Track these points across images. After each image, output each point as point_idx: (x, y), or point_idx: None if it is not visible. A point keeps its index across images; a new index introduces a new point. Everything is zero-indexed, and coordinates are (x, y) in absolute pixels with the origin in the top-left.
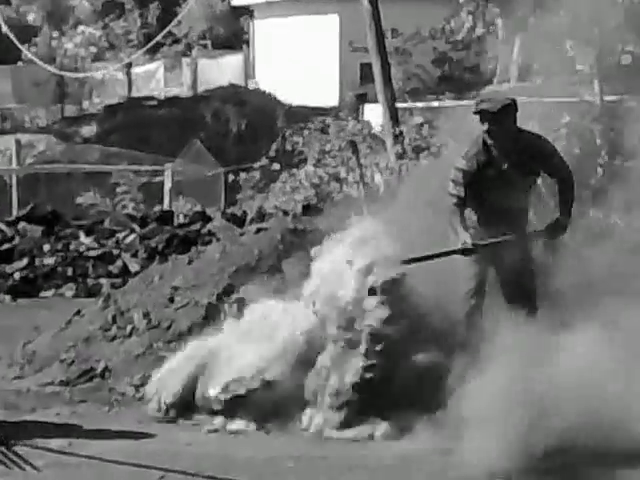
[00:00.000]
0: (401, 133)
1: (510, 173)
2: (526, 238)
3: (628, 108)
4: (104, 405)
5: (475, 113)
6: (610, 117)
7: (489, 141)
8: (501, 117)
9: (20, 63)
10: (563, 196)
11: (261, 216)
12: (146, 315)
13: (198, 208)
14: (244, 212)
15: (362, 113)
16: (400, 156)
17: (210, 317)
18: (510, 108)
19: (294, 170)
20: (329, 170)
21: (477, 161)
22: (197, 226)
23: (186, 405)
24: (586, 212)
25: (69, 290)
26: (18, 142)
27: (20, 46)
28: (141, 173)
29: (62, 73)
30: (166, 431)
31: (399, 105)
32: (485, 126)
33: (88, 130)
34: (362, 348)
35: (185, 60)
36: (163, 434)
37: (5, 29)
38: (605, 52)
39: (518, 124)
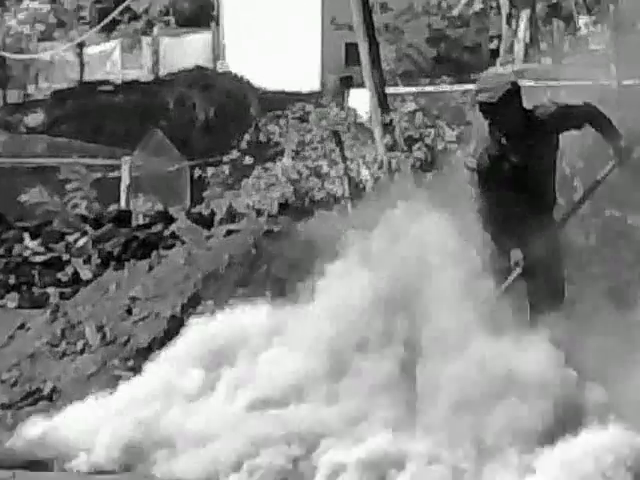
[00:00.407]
0: (391, 122)
1: (528, 160)
2: (554, 224)
3: None
4: None
5: (473, 105)
6: (629, 103)
7: (497, 133)
8: (503, 106)
9: None
10: (605, 127)
11: (231, 216)
12: (100, 329)
13: (160, 207)
14: (212, 212)
15: (347, 99)
16: (390, 148)
17: (173, 331)
18: (511, 94)
19: (269, 164)
20: (309, 164)
21: (489, 156)
22: (158, 228)
23: None
24: (601, 211)
25: (12, 301)
26: None
27: None
28: (95, 167)
29: (4, 54)
30: None
31: (389, 90)
32: (488, 119)
33: (34, 119)
34: None
35: (145, 39)
36: None
37: None
38: (623, 29)
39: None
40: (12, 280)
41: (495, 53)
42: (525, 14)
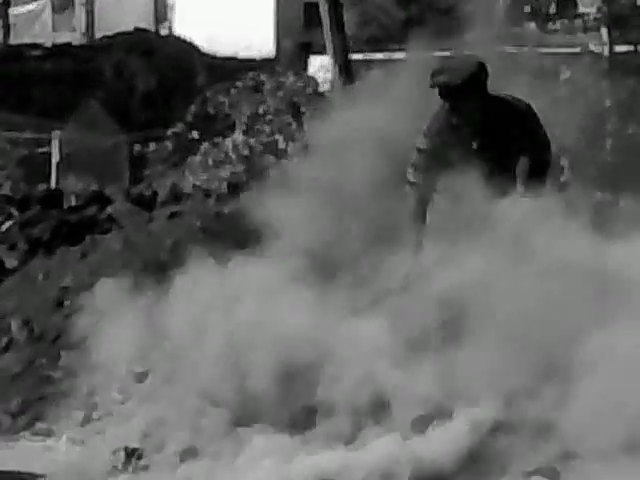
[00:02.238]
0: None
1: (485, 154)
2: None
3: None
4: None
5: (432, 86)
6: (622, 72)
7: (453, 120)
8: (465, 92)
9: None
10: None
11: (175, 197)
12: (27, 324)
13: (94, 187)
14: (154, 192)
15: (306, 66)
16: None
17: None
18: (476, 78)
19: (218, 139)
20: (263, 139)
21: (441, 140)
22: (93, 210)
23: None
24: (592, 194)
25: None
26: None
27: None
28: (21, 143)
29: None
30: None
31: (353, 56)
32: (446, 104)
33: None
34: None
35: None
36: None
37: None
38: None
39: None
40: None
41: (473, 15)
42: None
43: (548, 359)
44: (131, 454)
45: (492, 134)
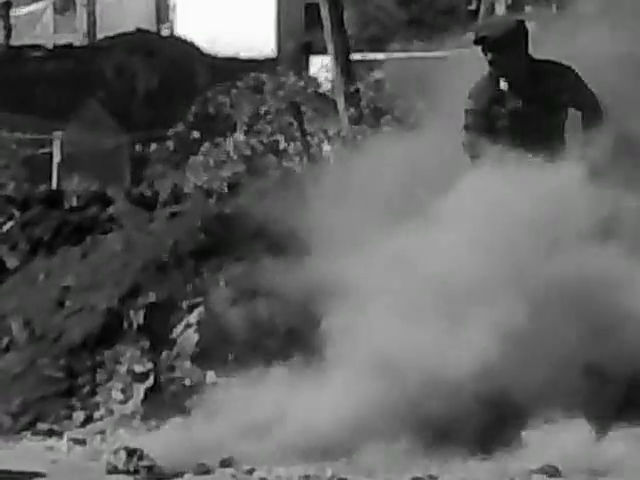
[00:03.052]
0: (357, 92)
1: (527, 111)
2: None
3: None
4: None
5: (475, 42)
6: (626, 74)
7: (495, 74)
8: (506, 44)
9: None
10: (587, 128)
11: (176, 197)
12: (28, 324)
13: (95, 187)
14: (155, 192)
15: (307, 67)
16: (355, 121)
17: (110, 326)
18: (517, 32)
19: (219, 139)
20: (264, 139)
21: (488, 97)
22: (94, 210)
23: None
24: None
25: None
26: None
27: None
28: (23, 143)
29: None
30: None
31: (354, 56)
32: (489, 57)
33: None
34: None
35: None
36: None
37: None
38: None
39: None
40: None
41: (474, 15)
42: None
43: None
44: (132, 454)
45: (535, 91)
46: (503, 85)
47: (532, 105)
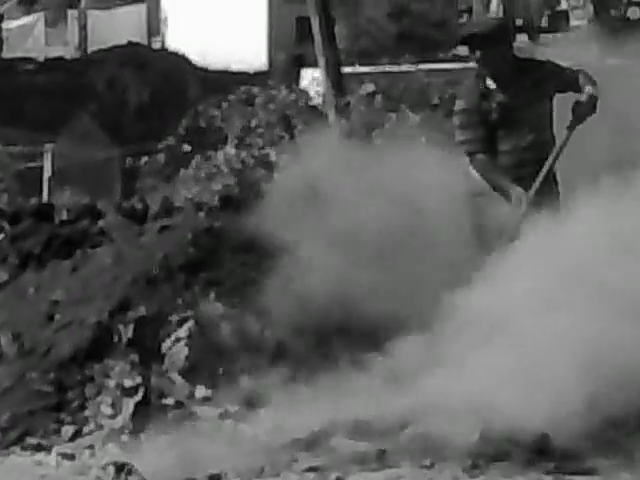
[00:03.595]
0: (347, 105)
1: (514, 104)
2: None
3: (636, 73)
4: None
5: (464, 40)
6: (613, 86)
7: (484, 71)
8: (495, 40)
9: None
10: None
11: (167, 211)
12: (17, 338)
13: (86, 201)
14: (145, 206)
15: (298, 80)
16: (346, 134)
17: (99, 340)
18: (503, 29)
19: (210, 152)
20: (254, 152)
21: (476, 95)
22: (84, 223)
23: None
24: None
25: None
26: None
27: None
28: (14, 156)
29: None
30: None
31: (345, 70)
32: (478, 53)
33: None
34: None
35: (71, 12)
36: None
37: None
38: (607, 4)
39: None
40: None
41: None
42: None
43: None
44: (120, 469)
45: (520, 82)
46: (489, 82)
47: (518, 97)
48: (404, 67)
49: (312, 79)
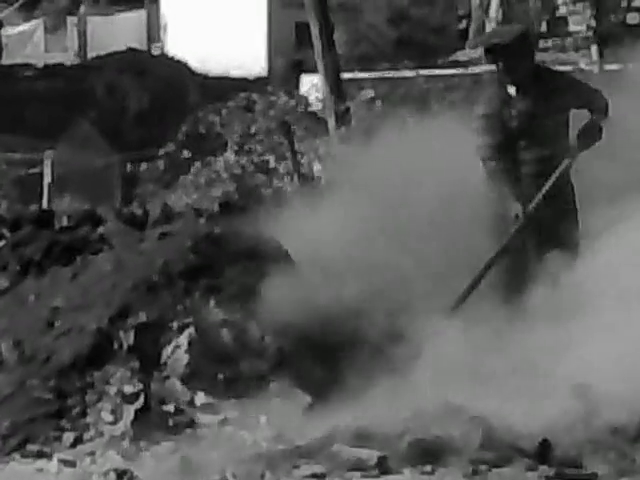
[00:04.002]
0: (347, 111)
1: (534, 112)
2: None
3: (634, 80)
4: None
5: (486, 51)
6: (611, 91)
7: (505, 79)
8: (517, 48)
9: None
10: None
11: (167, 217)
12: (17, 344)
13: (86, 207)
14: (145, 212)
15: (297, 86)
16: (345, 140)
17: (100, 347)
18: (525, 37)
19: (210, 158)
20: (254, 158)
21: (498, 101)
22: (84, 230)
23: None
24: None
25: None
26: None
27: None
28: (14, 163)
29: None
30: None
31: (344, 76)
32: (500, 63)
33: None
34: None
35: (71, 19)
36: None
37: None
38: (606, 9)
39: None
40: None
41: (464, 35)
42: None
43: None
44: (121, 476)
45: (540, 90)
46: (510, 90)
47: (538, 106)
48: (404, 73)
49: (311, 85)
